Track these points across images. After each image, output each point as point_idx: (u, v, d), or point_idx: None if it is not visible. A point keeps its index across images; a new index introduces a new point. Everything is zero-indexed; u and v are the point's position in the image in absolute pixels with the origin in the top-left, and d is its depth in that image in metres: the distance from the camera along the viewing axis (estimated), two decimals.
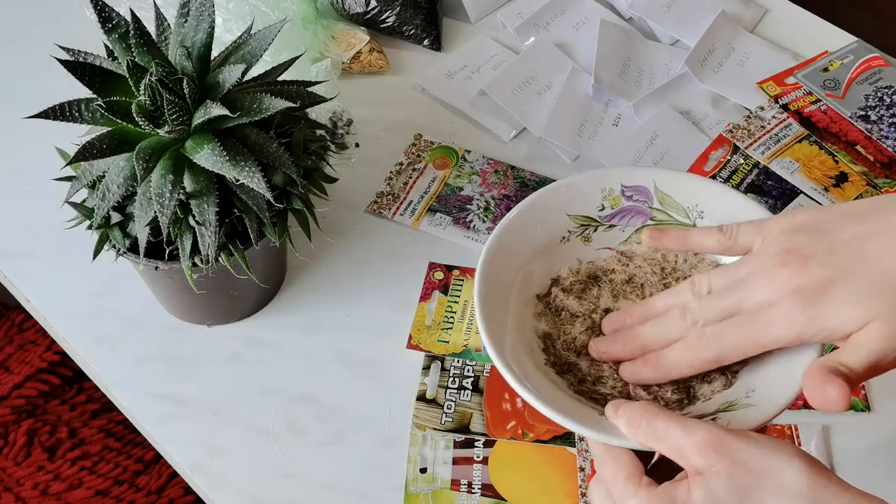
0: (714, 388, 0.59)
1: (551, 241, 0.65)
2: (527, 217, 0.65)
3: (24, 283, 0.84)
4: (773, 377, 0.58)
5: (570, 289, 0.65)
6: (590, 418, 0.56)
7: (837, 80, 0.95)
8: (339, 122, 0.92)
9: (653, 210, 0.66)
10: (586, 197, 0.66)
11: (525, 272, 0.64)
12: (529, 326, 0.63)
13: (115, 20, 0.66)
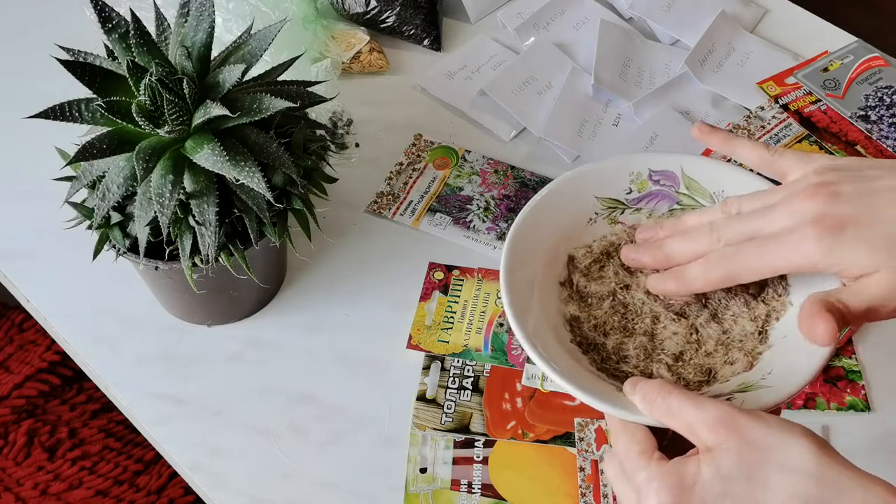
0: (735, 370, 0.60)
1: (578, 222, 0.67)
2: (555, 198, 0.66)
3: (24, 283, 0.84)
4: (790, 360, 0.59)
5: (589, 271, 0.66)
6: (608, 394, 0.57)
7: (837, 80, 0.95)
8: (339, 122, 0.92)
9: (679, 195, 0.68)
10: (614, 180, 0.68)
11: (552, 252, 0.66)
12: (555, 308, 0.64)
13: (115, 20, 0.66)
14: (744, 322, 0.63)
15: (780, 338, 0.62)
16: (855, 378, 0.76)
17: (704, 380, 0.61)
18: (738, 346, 0.62)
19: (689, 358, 0.62)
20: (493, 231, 0.85)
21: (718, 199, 0.67)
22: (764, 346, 0.62)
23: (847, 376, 0.76)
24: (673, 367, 0.61)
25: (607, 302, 0.65)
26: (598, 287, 0.66)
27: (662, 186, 0.68)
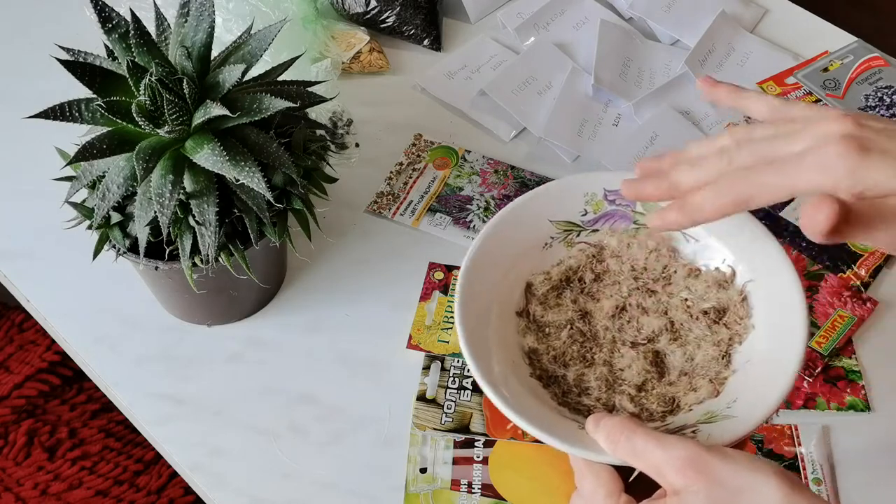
0: (699, 397, 0.59)
1: (533, 248, 0.65)
2: (508, 225, 0.64)
3: (24, 283, 0.84)
4: (755, 387, 0.57)
5: (547, 299, 0.64)
6: (571, 433, 0.55)
7: (837, 80, 0.95)
8: (339, 122, 0.92)
9: (636, 213, 0.66)
10: (568, 202, 0.66)
11: (507, 282, 0.63)
12: (513, 342, 0.62)
13: (115, 20, 0.66)
14: (707, 346, 0.62)
15: (743, 362, 0.60)
16: (855, 378, 0.76)
17: (668, 409, 0.59)
18: (702, 372, 0.61)
19: (651, 388, 0.61)
20: None
21: None
22: (728, 371, 0.60)
23: (847, 376, 0.76)
24: (636, 397, 0.60)
25: (565, 331, 0.63)
26: (556, 316, 0.64)
27: (618, 206, 0.66)
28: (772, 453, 0.72)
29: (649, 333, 0.63)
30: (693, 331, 0.62)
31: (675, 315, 0.63)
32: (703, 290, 0.64)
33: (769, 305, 0.61)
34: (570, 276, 0.65)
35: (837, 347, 0.77)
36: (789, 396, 0.74)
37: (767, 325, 0.60)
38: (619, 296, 0.64)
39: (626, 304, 0.64)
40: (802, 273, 0.81)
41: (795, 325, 0.58)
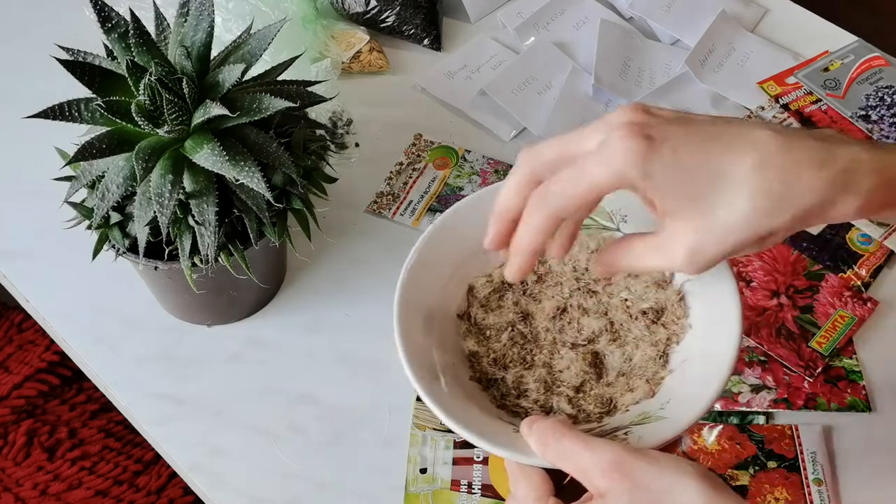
0: (635, 397, 0.59)
1: (475, 251, 0.63)
2: (449, 229, 0.63)
3: (24, 283, 0.84)
4: (688, 388, 0.57)
5: (488, 301, 0.64)
6: (504, 437, 0.55)
7: (838, 79, 0.95)
8: (339, 121, 0.92)
9: None
10: None
11: (449, 285, 0.63)
12: (452, 344, 0.62)
13: (115, 20, 0.66)
14: (645, 347, 0.61)
15: (680, 361, 0.60)
16: (855, 378, 0.76)
17: (605, 410, 0.59)
18: (639, 373, 0.61)
19: (589, 389, 0.61)
20: None
21: (616, 217, 0.64)
22: (665, 371, 0.60)
23: (847, 376, 0.76)
24: (574, 399, 0.60)
25: (506, 334, 0.63)
26: (497, 318, 0.64)
27: None
28: (772, 453, 0.72)
29: (589, 334, 0.63)
30: (632, 331, 0.62)
31: (615, 315, 0.63)
32: (642, 290, 0.63)
33: (706, 305, 0.61)
34: None
35: (838, 347, 0.77)
36: (790, 396, 0.74)
37: (704, 324, 0.61)
38: (561, 297, 0.64)
39: (567, 305, 0.64)
40: (802, 273, 0.81)
41: (730, 325, 0.58)
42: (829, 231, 0.84)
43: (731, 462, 0.71)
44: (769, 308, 0.79)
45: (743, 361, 0.76)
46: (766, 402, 0.74)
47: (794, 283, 0.81)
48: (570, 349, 0.62)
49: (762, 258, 0.82)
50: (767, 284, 0.80)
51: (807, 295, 0.80)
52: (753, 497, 0.70)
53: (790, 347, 0.77)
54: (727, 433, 0.73)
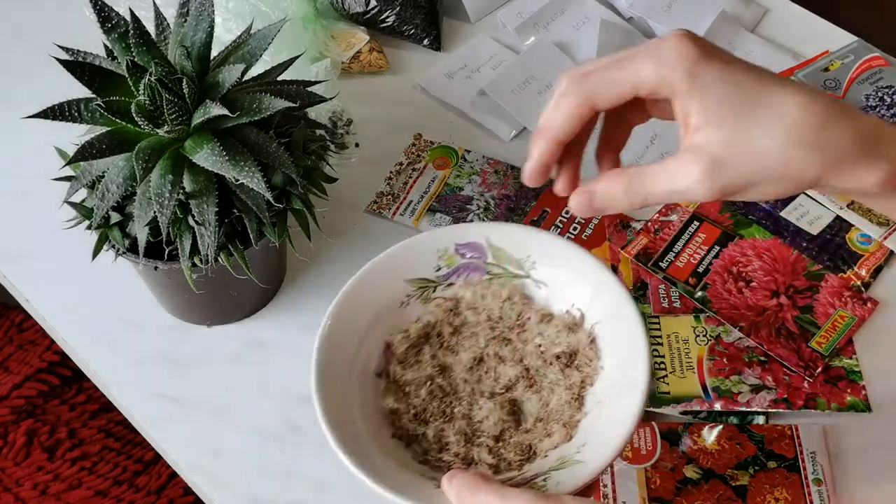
0: (553, 442, 0.60)
1: (390, 308, 0.65)
2: (362, 290, 0.64)
3: (24, 283, 0.84)
4: (602, 430, 0.58)
5: (406, 357, 0.65)
6: (426, 493, 0.56)
7: (838, 79, 0.95)
8: (339, 122, 0.92)
9: (488, 265, 0.66)
10: (422, 260, 0.66)
11: (366, 344, 0.64)
12: (374, 404, 0.63)
13: (115, 20, 0.66)
14: (560, 391, 0.62)
15: (594, 403, 0.61)
16: (855, 378, 0.76)
17: (525, 457, 0.60)
18: (556, 417, 0.61)
19: (509, 437, 0.61)
20: None
21: (525, 263, 0.66)
22: (580, 414, 0.61)
23: (847, 376, 0.76)
24: (494, 448, 0.61)
25: (425, 388, 0.63)
26: (416, 373, 0.64)
27: (471, 259, 0.67)
28: (772, 453, 0.72)
29: (506, 382, 0.64)
30: (547, 376, 0.63)
31: (531, 362, 0.64)
32: (554, 334, 0.64)
33: (616, 346, 0.62)
34: (428, 332, 0.66)
35: (838, 347, 0.77)
36: (790, 396, 0.74)
37: (615, 365, 0.62)
38: (477, 347, 0.65)
39: (484, 354, 0.65)
40: (802, 273, 0.81)
41: (639, 363, 0.59)
42: (828, 231, 0.84)
43: (731, 462, 0.71)
44: (769, 308, 0.79)
45: (743, 361, 0.76)
46: (766, 402, 0.74)
47: (793, 283, 0.81)
48: (488, 399, 0.63)
49: (762, 258, 0.82)
50: (767, 284, 0.80)
51: (807, 295, 0.80)
52: (753, 497, 0.70)
53: (790, 347, 0.77)
54: (727, 433, 0.73)
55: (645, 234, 0.84)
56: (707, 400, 0.75)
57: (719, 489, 0.70)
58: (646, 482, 0.70)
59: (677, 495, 0.70)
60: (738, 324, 0.78)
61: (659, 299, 0.80)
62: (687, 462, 0.72)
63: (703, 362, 0.77)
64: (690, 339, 0.78)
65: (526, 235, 0.66)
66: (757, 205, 0.86)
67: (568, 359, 0.63)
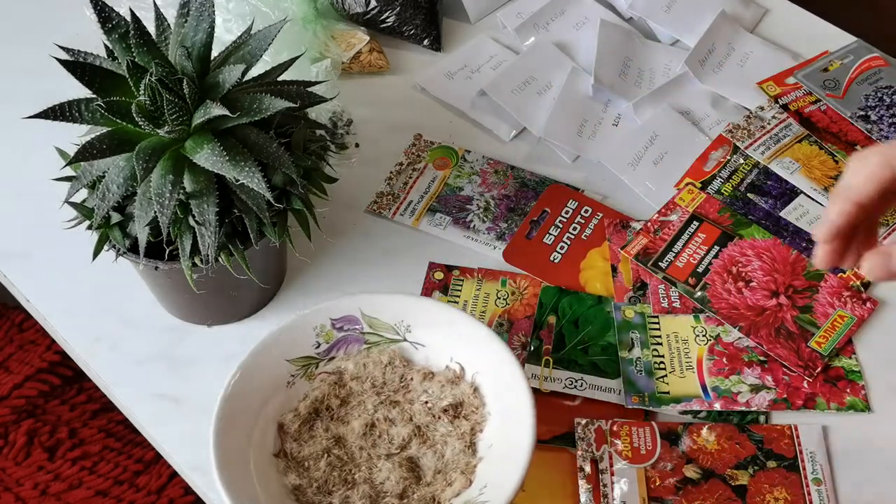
0: (455, 490, 0.64)
1: (277, 389, 0.69)
2: (248, 378, 0.67)
3: (24, 283, 0.84)
4: (499, 469, 0.63)
5: (300, 434, 0.68)
6: None
7: (837, 80, 0.95)
8: (339, 122, 0.92)
9: (365, 334, 0.71)
10: (300, 339, 0.70)
11: (258, 428, 0.67)
12: (276, 484, 0.65)
13: (115, 20, 0.66)
14: (453, 441, 0.67)
15: (486, 448, 0.66)
16: (855, 378, 0.76)
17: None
18: (453, 466, 0.66)
19: (412, 493, 0.64)
20: (493, 231, 0.85)
21: (400, 328, 0.70)
22: (476, 459, 0.66)
23: (847, 376, 0.76)
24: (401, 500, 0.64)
25: (323, 460, 0.66)
26: (312, 448, 0.67)
27: (347, 332, 0.71)
28: (771, 453, 0.72)
29: (400, 442, 0.67)
30: (438, 430, 0.67)
31: (420, 419, 0.68)
32: (438, 390, 0.69)
33: (497, 390, 0.67)
34: (317, 408, 0.69)
35: (837, 347, 0.77)
36: (789, 396, 0.74)
37: (500, 408, 0.67)
38: (367, 414, 0.69)
39: (374, 419, 0.68)
40: (802, 273, 0.81)
41: (522, 402, 0.64)
42: None
43: (731, 462, 0.72)
44: (768, 308, 0.79)
45: (742, 361, 0.77)
46: (766, 402, 0.74)
47: (793, 283, 0.81)
48: (386, 460, 0.66)
49: (761, 258, 0.82)
50: (767, 284, 0.80)
51: (806, 295, 0.80)
52: (753, 497, 0.70)
53: (789, 347, 0.77)
54: (727, 433, 0.73)
55: (645, 234, 0.84)
56: (707, 400, 0.75)
57: (719, 489, 0.70)
58: (645, 482, 0.71)
59: (677, 495, 0.70)
60: (738, 324, 0.78)
61: (659, 299, 0.80)
62: (686, 462, 0.72)
63: (703, 362, 0.77)
64: (690, 338, 0.78)
65: (397, 302, 0.71)
66: (757, 205, 0.86)
67: (455, 410, 0.68)
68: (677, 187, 0.88)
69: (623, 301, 0.80)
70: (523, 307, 0.80)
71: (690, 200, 0.86)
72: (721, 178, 0.88)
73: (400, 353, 0.71)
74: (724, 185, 0.88)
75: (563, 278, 0.82)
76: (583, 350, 0.78)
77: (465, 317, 0.70)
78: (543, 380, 0.76)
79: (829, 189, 0.87)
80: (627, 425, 0.73)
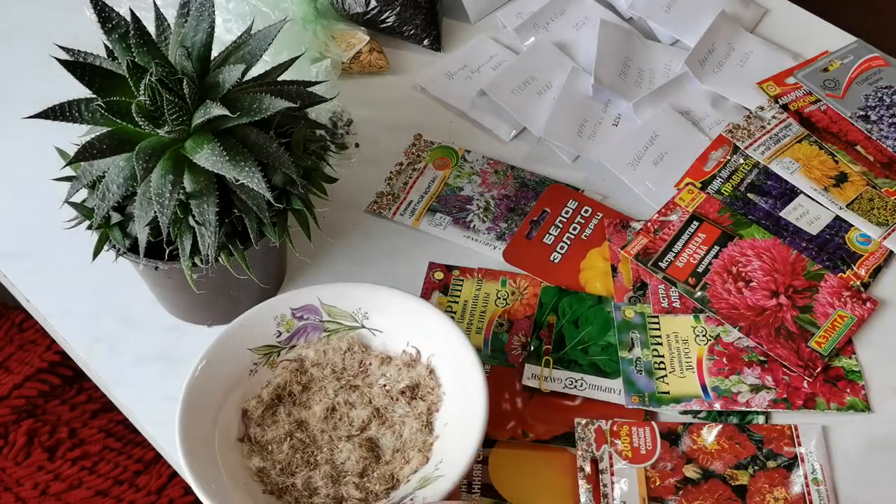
0: (413, 467, 0.67)
1: (240, 378, 0.71)
2: (211, 367, 0.70)
3: (24, 283, 0.84)
4: (454, 445, 0.67)
5: (263, 419, 0.70)
6: None
7: (837, 80, 0.95)
8: (339, 122, 0.92)
9: (324, 322, 0.73)
10: (262, 328, 0.72)
11: (223, 415, 0.69)
12: (241, 467, 0.68)
13: (115, 20, 0.66)
14: (411, 421, 0.69)
15: (442, 426, 0.69)
16: (855, 378, 0.76)
17: (390, 486, 0.67)
18: (411, 445, 0.68)
19: (372, 471, 0.68)
20: (493, 231, 0.85)
21: (358, 316, 0.73)
22: (432, 437, 0.69)
23: (847, 376, 0.76)
24: (360, 484, 0.67)
25: (286, 444, 0.69)
26: (275, 432, 0.69)
27: (307, 320, 0.73)
28: (772, 453, 0.72)
29: (360, 424, 0.70)
30: (396, 411, 0.70)
31: (379, 402, 0.71)
32: (396, 373, 0.72)
33: (452, 371, 0.70)
34: (280, 394, 0.72)
35: (837, 347, 0.77)
36: (789, 396, 0.74)
37: (455, 388, 0.70)
38: (327, 398, 0.71)
39: (335, 403, 0.71)
40: (802, 273, 0.81)
41: (474, 380, 0.68)
42: (828, 231, 0.84)
43: (731, 462, 0.72)
44: (768, 308, 0.79)
45: (742, 361, 0.77)
46: (766, 401, 0.74)
47: (793, 283, 0.81)
48: (346, 441, 0.69)
49: (761, 258, 0.82)
50: (767, 284, 0.80)
51: (806, 295, 0.80)
52: (753, 497, 0.70)
53: (789, 347, 0.77)
54: (726, 433, 0.73)
55: (645, 234, 0.84)
56: (707, 400, 0.75)
57: (719, 489, 0.70)
58: (645, 482, 0.71)
59: (677, 495, 0.70)
60: (738, 324, 0.78)
61: (659, 299, 0.80)
62: (686, 462, 0.72)
63: (703, 362, 0.77)
64: (690, 338, 0.78)
65: (354, 291, 0.74)
66: (757, 205, 0.86)
67: (412, 392, 0.71)
68: (677, 187, 0.88)
69: (623, 301, 0.80)
70: (523, 307, 0.80)
71: (690, 200, 0.86)
72: (721, 178, 0.88)
73: (359, 340, 0.73)
74: (724, 185, 0.88)
75: (563, 278, 0.82)
76: (583, 350, 0.78)
77: (420, 302, 0.73)
78: (543, 380, 0.76)
79: (829, 189, 0.87)
80: (627, 425, 0.73)
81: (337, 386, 0.72)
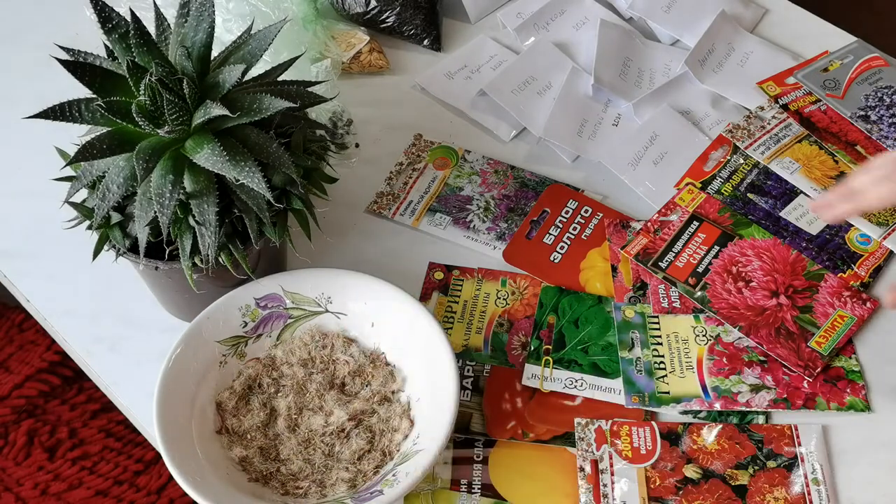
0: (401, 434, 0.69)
1: (210, 370, 0.72)
2: (180, 361, 0.71)
3: (24, 283, 0.84)
4: (429, 420, 0.68)
5: (237, 410, 0.71)
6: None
7: (837, 80, 0.95)
8: (339, 122, 0.92)
9: (289, 310, 0.75)
10: (227, 320, 0.73)
11: (198, 409, 0.70)
12: (222, 458, 0.69)
13: (115, 20, 0.66)
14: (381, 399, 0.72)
15: (414, 402, 0.71)
16: (855, 378, 0.76)
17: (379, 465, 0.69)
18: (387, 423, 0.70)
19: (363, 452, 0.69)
20: (493, 231, 0.85)
21: (321, 301, 0.74)
22: (409, 409, 0.71)
23: (847, 376, 0.76)
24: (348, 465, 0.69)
25: (264, 431, 0.70)
26: (251, 421, 0.71)
27: (272, 308, 0.74)
28: (772, 453, 0.72)
29: (333, 406, 0.71)
30: (371, 384, 0.72)
31: (348, 381, 0.73)
32: (359, 354, 0.74)
33: (420, 346, 0.71)
34: (251, 385, 0.73)
35: (837, 347, 0.77)
36: (789, 396, 0.74)
37: (423, 363, 0.71)
38: (298, 384, 0.72)
39: (307, 390, 0.72)
40: (802, 273, 0.81)
41: (442, 353, 0.69)
42: (828, 231, 0.84)
43: (731, 462, 0.72)
44: (769, 308, 0.79)
45: (742, 361, 0.77)
46: (766, 401, 0.74)
47: (793, 283, 0.81)
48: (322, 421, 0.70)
49: (761, 258, 0.82)
50: (767, 284, 0.80)
51: (806, 295, 0.80)
52: (753, 497, 0.70)
53: (789, 347, 0.77)
54: (727, 433, 0.73)
55: (645, 234, 0.84)
56: (707, 400, 0.75)
57: (719, 489, 0.70)
58: (646, 482, 0.71)
59: (677, 495, 0.70)
60: (738, 324, 0.78)
61: (659, 299, 0.80)
62: (687, 462, 0.72)
63: (703, 362, 0.77)
64: (690, 338, 0.78)
65: (316, 276, 0.75)
66: (757, 205, 0.86)
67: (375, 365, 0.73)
68: (677, 187, 0.88)
69: (623, 301, 0.80)
70: (523, 307, 0.80)
71: (690, 200, 0.86)
72: (721, 178, 0.88)
73: (319, 329, 0.74)
74: (724, 185, 0.88)
75: (563, 278, 0.82)
76: (583, 350, 0.78)
77: (382, 283, 0.74)
78: (543, 380, 0.76)
79: (829, 189, 0.87)
80: (627, 425, 0.73)
81: (305, 374, 0.73)
